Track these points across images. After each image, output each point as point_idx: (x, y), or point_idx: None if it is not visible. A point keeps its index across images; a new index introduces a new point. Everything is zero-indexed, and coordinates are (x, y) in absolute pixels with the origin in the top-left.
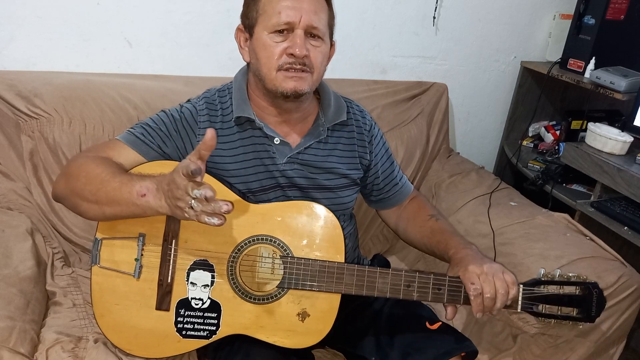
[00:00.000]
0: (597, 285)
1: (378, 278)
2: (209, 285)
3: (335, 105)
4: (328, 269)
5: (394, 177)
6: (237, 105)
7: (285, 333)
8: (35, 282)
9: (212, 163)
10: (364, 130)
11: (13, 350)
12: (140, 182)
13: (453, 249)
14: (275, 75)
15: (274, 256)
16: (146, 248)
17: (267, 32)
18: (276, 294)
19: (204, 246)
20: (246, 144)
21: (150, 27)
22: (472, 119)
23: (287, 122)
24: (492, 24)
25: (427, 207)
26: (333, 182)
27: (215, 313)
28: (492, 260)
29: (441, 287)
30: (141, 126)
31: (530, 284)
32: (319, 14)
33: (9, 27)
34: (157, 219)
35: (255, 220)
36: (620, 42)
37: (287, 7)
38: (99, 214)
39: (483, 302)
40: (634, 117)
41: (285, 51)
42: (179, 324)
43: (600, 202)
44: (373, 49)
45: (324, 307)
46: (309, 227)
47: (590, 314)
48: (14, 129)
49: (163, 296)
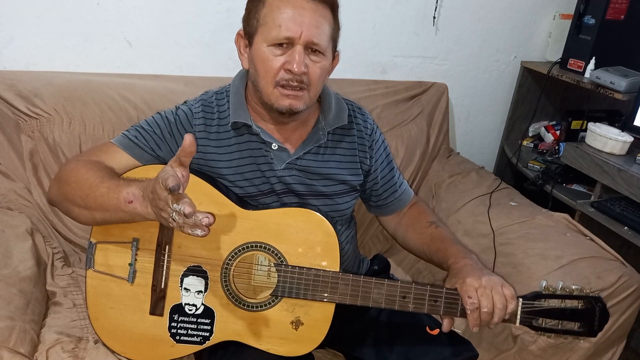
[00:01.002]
0: (600, 299)
1: (373, 288)
2: (202, 291)
3: (336, 108)
4: (322, 277)
5: (394, 184)
6: (234, 110)
7: (278, 341)
8: (35, 282)
9: (207, 167)
10: (365, 134)
11: (13, 351)
12: (127, 188)
13: (452, 257)
14: (272, 90)
15: (268, 264)
16: (140, 253)
17: (266, 45)
18: (270, 302)
19: (198, 252)
20: (243, 149)
21: (150, 27)
22: (472, 119)
23: (285, 127)
24: (492, 24)
25: (427, 214)
26: (331, 188)
27: (209, 319)
28: (491, 272)
29: (438, 299)
30: (135, 129)
31: (530, 297)
32: (321, 27)
33: (9, 27)
34: (151, 224)
35: (249, 226)
36: (620, 42)
37: (287, 20)
38: (90, 218)
39: (480, 317)
40: (634, 117)
41: (284, 66)
42: (173, 329)
43: (600, 202)
44: (373, 49)
45: (318, 316)
46: (305, 235)
47: (592, 329)
48: (14, 129)
49: (157, 301)
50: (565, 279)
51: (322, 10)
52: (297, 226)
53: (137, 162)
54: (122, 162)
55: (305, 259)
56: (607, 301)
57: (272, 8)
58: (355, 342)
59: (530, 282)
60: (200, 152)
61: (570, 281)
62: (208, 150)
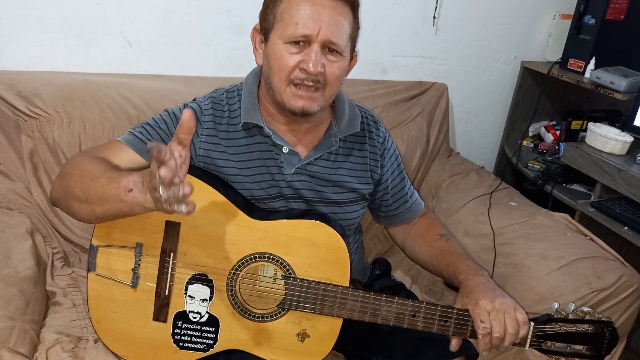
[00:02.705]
0: (611, 324)
1: (383, 305)
2: (207, 299)
3: (349, 114)
4: (331, 292)
5: (404, 194)
6: (246, 110)
7: (283, 352)
8: (35, 282)
9: (214, 166)
10: (377, 142)
11: (13, 350)
12: (128, 176)
13: (463, 274)
14: (285, 88)
15: (275, 275)
16: (143, 259)
17: (282, 42)
18: (276, 313)
19: (203, 260)
20: (252, 150)
21: (150, 27)
22: (472, 119)
23: (297, 130)
24: (492, 24)
25: (437, 226)
26: (341, 196)
27: (214, 327)
28: (504, 293)
29: (448, 320)
30: (142, 126)
31: (541, 321)
32: (340, 26)
33: (9, 27)
34: (155, 229)
35: (258, 237)
36: (620, 42)
37: (305, 17)
38: (90, 213)
39: (491, 341)
40: (634, 117)
41: (299, 65)
42: (176, 335)
43: (600, 202)
44: (373, 49)
45: (325, 329)
46: (314, 248)
47: (600, 352)
48: (14, 129)
49: (160, 307)
50: (565, 279)
51: (342, 8)
52: (308, 239)
53: (142, 159)
54: (127, 159)
55: (315, 272)
56: (607, 301)
57: (290, 4)
58: (357, 340)
59: (531, 282)
60: (208, 150)
61: (570, 281)
62: (216, 149)
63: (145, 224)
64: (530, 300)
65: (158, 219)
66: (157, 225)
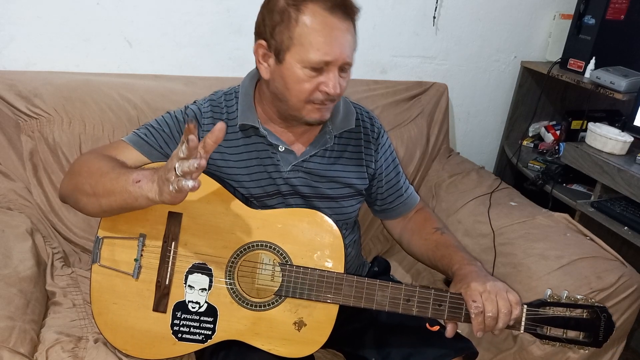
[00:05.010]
0: (605, 309)
1: (377, 290)
2: (206, 289)
3: (344, 111)
4: (327, 278)
5: (399, 188)
6: (242, 112)
7: (280, 341)
8: (35, 282)
9: (215, 166)
10: (371, 137)
11: (13, 350)
12: (138, 171)
13: (457, 264)
14: (303, 106)
15: (273, 263)
16: (146, 249)
17: (301, 66)
18: (273, 302)
19: (204, 250)
20: (250, 150)
21: (150, 27)
22: (472, 119)
23: (293, 130)
24: (492, 24)
25: (433, 220)
26: (337, 191)
27: (212, 317)
28: (496, 279)
29: (442, 303)
30: (146, 127)
31: (535, 304)
32: (353, 46)
33: (8, 27)
34: (158, 220)
35: (256, 225)
36: (620, 42)
37: (326, 45)
38: (97, 206)
39: (484, 321)
40: (634, 117)
41: (319, 87)
42: (175, 326)
43: (600, 202)
44: (373, 49)
45: (321, 317)
46: (310, 236)
47: (597, 339)
48: (14, 129)
49: (160, 298)
50: (565, 279)
51: (351, 27)
52: (303, 227)
53: (147, 159)
54: (132, 159)
55: (310, 259)
56: (607, 301)
57: (309, 30)
58: (355, 340)
59: (531, 282)
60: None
61: (570, 281)
62: (216, 150)
63: (149, 215)
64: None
65: (161, 210)
66: (161, 216)
